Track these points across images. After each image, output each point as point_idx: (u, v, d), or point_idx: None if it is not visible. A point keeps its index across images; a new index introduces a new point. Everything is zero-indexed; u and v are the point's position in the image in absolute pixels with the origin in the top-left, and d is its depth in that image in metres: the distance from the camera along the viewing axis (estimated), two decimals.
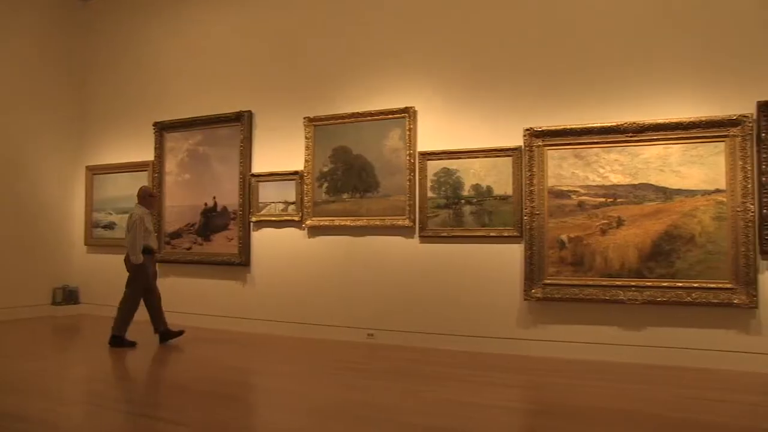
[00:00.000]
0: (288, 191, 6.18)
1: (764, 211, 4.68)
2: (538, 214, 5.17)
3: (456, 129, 5.53)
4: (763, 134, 4.69)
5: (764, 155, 4.71)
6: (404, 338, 5.60)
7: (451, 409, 3.85)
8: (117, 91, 7.65)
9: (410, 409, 3.86)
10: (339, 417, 3.69)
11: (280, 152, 6.35)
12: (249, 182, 6.43)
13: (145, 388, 4.56)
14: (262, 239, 6.44)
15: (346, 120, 5.89)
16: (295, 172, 6.17)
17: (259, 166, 6.51)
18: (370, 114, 5.78)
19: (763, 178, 4.70)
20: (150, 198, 5.90)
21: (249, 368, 5.11)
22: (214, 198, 6.62)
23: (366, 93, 5.92)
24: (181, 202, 6.72)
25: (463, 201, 5.43)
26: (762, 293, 4.69)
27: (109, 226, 7.47)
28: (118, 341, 5.59)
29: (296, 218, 6.15)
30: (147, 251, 5.67)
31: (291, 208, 6.18)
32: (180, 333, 5.72)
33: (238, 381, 4.71)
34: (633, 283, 4.96)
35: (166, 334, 5.67)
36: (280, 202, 6.23)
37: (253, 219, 6.41)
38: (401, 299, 5.65)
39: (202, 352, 5.53)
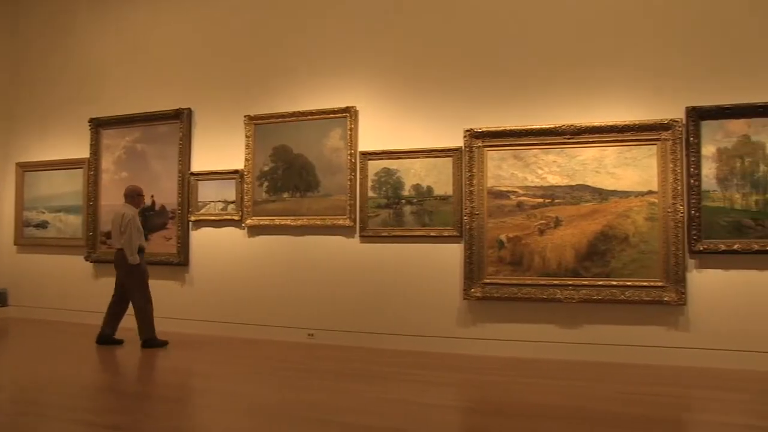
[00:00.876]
0: (228, 190, 6.07)
1: (692, 212, 4.82)
2: (477, 214, 5.20)
3: (397, 129, 5.53)
4: (692, 138, 4.83)
5: (692, 158, 4.86)
6: (345, 338, 5.57)
7: (392, 408, 3.85)
8: (50, 87, 7.39)
9: (352, 408, 3.84)
10: (281, 418, 3.66)
11: (220, 151, 6.24)
12: (188, 181, 6.30)
13: (75, 391, 4.38)
14: (202, 239, 6.32)
15: (287, 119, 5.83)
16: (235, 171, 6.07)
17: (198, 164, 6.38)
18: (312, 113, 5.73)
19: (692, 180, 4.84)
20: (138, 197, 5.78)
21: (188, 369, 5.00)
22: (153, 197, 6.45)
23: (307, 92, 5.88)
24: (118, 200, 6.51)
25: (403, 201, 5.43)
26: (690, 291, 4.84)
27: (42, 225, 7.20)
28: (150, 343, 5.53)
29: (236, 217, 6.04)
30: (140, 251, 5.57)
31: (231, 207, 6.08)
32: (120, 341, 5.57)
33: (177, 383, 4.62)
34: (570, 282, 5.04)
35: (106, 338, 5.49)
36: (219, 201, 6.11)
37: (192, 218, 6.29)
38: (342, 299, 5.62)
39: (139, 354, 5.36)
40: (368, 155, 5.54)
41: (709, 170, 4.86)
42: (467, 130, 5.26)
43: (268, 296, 5.94)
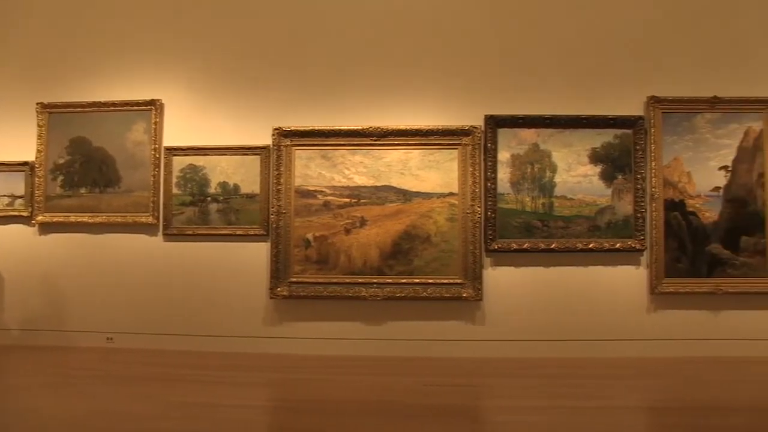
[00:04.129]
0: (15, 183, 5.57)
1: (489, 213, 5.09)
2: (284, 213, 5.16)
3: (204, 125, 5.36)
4: (489, 144, 5.09)
5: (489, 163, 5.12)
6: (148, 341, 5.35)
7: (195, 412, 3.75)
8: None
9: (157, 414, 3.69)
10: (79, 429, 3.44)
11: (7, 140, 5.69)
12: None
13: None
14: None
15: (87, 109, 5.46)
16: (25, 163, 5.58)
17: None
18: (113, 104, 5.41)
19: (489, 184, 5.11)
20: None
21: None
22: None
23: (109, 81, 5.54)
24: None
25: (209, 199, 5.28)
26: (486, 287, 5.10)
27: None
28: None
29: (25, 213, 5.56)
30: None
31: (18, 202, 5.58)
32: None
33: None
34: (374, 280, 5.13)
35: None
36: (5, 195, 5.59)
37: None
38: (144, 300, 5.37)
39: None
40: (173, 150, 5.33)
41: (504, 174, 5.14)
42: (276, 129, 5.20)
43: (62, 299, 5.53)
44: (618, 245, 5.16)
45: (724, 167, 5.22)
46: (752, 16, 5.35)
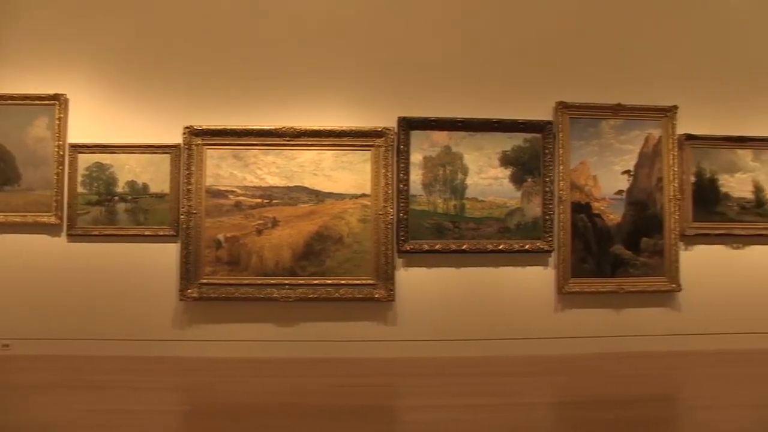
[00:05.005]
0: None
1: (401, 214, 5.13)
2: (195, 213, 5.07)
3: (112, 122, 5.22)
4: (402, 146, 5.14)
5: (402, 165, 5.17)
6: (49, 347, 5.16)
7: (100, 419, 3.65)
8: None
9: (65, 423, 3.59)
10: None
11: None
12: None
13: None
14: None
15: None
16: None
17: None
18: (12, 98, 5.20)
19: (401, 185, 5.16)
20: None
21: None
22: None
23: (9, 73, 5.25)
24: None
25: (117, 198, 5.14)
26: (398, 288, 5.16)
27: None
28: None
29: None
30: None
31: None
32: None
33: None
34: (287, 282, 5.11)
35: None
36: None
37: None
38: (46, 304, 5.17)
39: None
40: (79, 148, 5.17)
41: (416, 176, 5.19)
42: (187, 127, 5.11)
43: None
44: (527, 246, 5.30)
45: (627, 171, 5.43)
46: (653, 33, 5.70)
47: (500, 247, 5.28)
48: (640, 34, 5.58)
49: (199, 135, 5.15)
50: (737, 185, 5.55)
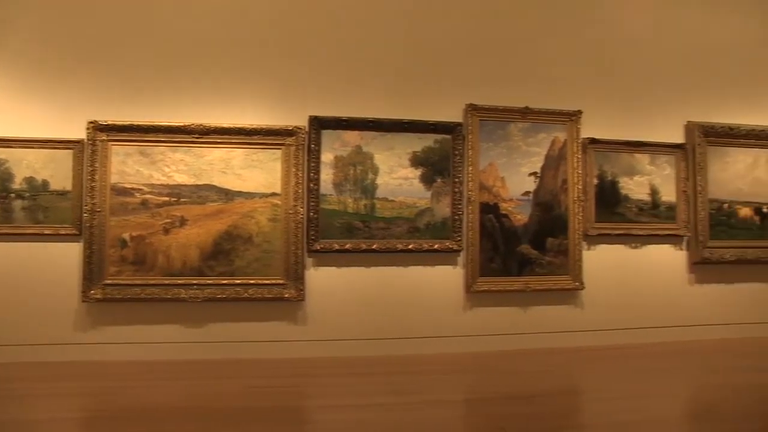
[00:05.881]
0: None
1: (311, 213, 5.14)
2: (99, 211, 4.95)
3: (9, 115, 5.02)
4: (313, 145, 5.15)
5: (313, 164, 5.18)
6: None
7: (10, 430, 3.48)
8: None
9: None
10: None
11: None
12: None
13: None
14: None
15: None
16: None
17: None
18: None
19: (312, 185, 5.17)
20: None
21: None
22: None
23: None
24: None
25: (13, 195, 4.96)
26: (308, 287, 5.16)
27: None
28: None
29: None
30: None
31: None
32: None
33: None
34: (194, 282, 5.04)
35: None
36: None
37: None
38: None
39: None
40: None
41: (327, 176, 5.21)
42: (91, 122, 4.99)
43: None
44: (436, 246, 5.39)
45: (534, 173, 5.61)
46: (560, 41, 5.97)
47: (410, 246, 5.35)
48: (547, 41, 5.80)
49: (104, 130, 5.04)
50: (636, 188, 5.81)
